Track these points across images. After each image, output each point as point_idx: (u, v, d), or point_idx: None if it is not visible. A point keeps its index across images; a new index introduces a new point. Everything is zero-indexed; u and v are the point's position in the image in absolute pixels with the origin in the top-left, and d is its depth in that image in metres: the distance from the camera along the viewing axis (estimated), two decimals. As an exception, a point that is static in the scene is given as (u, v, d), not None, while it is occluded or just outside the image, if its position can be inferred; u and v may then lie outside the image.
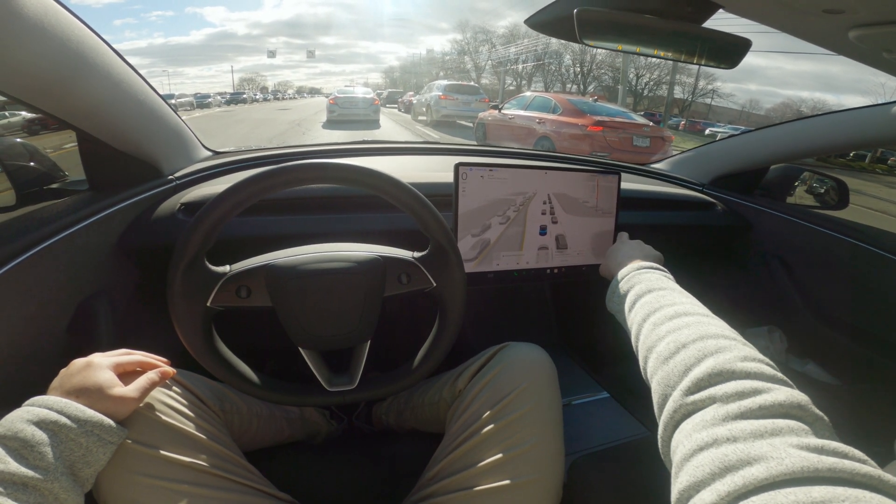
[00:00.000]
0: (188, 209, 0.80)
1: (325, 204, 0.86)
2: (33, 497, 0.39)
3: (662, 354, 0.43)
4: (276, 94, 51.20)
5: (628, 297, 0.56)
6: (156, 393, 0.52)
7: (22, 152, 0.80)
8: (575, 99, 6.74)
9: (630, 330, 0.53)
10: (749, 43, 0.69)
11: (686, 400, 0.37)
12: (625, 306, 0.56)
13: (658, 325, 0.47)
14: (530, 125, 6.35)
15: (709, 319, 0.46)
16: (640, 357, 0.48)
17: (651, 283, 0.55)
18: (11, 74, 0.53)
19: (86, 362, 0.48)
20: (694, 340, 0.41)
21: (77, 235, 0.66)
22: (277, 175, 0.52)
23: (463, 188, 0.78)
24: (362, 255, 0.58)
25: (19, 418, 0.42)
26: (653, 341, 0.46)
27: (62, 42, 0.56)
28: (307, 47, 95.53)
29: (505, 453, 0.57)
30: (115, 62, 0.68)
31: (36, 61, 0.53)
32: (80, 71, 0.60)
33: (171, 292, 0.52)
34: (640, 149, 5.66)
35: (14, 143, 0.82)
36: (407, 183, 0.56)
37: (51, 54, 0.55)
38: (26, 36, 0.51)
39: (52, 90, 0.59)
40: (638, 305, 0.53)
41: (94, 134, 0.69)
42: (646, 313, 0.50)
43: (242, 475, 0.55)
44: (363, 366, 0.62)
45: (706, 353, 0.39)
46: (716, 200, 1.28)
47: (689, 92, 34.69)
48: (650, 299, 0.52)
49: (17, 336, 0.58)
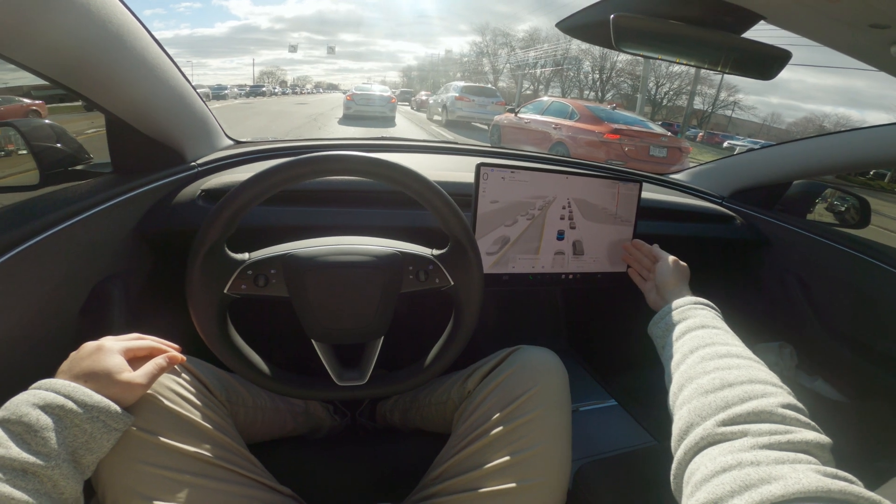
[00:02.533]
0: (208, 196, 0.80)
1: (344, 197, 0.85)
2: (32, 483, 0.38)
3: (704, 387, 0.44)
4: (294, 89, 51.57)
5: (678, 327, 0.57)
6: (164, 380, 0.51)
7: (49, 133, 0.82)
8: (593, 106, 6.70)
9: (670, 357, 0.54)
10: (789, 55, 0.68)
11: (717, 430, 0.39)
12: (673, 334, 0.57)
13: (706, 360, 0.48)
14: (546, 130, 6.33)
15: (759, 366, 0.47)
16: (675, 384, 0.49)
17: (705, 319, 0.57)
18: (51, 54, 0.53)
19: (96, 346, 0.48)
20: (741, 382, 0.43)
21: (97, 218, 0.66)
22: (303, 165, 0.52)
23: (483, 188, 0.77)
24: (381, 250, 0.57)
25: (25, 402, 0.41)
26: (696, 373, 0.47)
27: (103, 24, 0.56)
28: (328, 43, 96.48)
29: (512, 456, 0.57)
30: (151, 47, 0.69)
31: (77, 43, 0.54)
32: (117, 55, 0.61)
33: (189, 277, 0.52)
34: (657, 159, 5.62)
35: (41, 123, 0.83)
36: (431, 180, 0.56)
37: (92, 36, 0.55)
38: (71, 15, 0.52)
39: (88, 72, 0.59)
40: (688, 337, 0.54)
41: (124, 118, 0.69)
42: (694, 346, 0.52)
43: (245, 467, 0.55)
44: (374, 362, 0.61)
45: (751, 395, 0.41)
46: (735, 214, 1.27)
47: (709, 103, 34.07)
48: (702, 334, 0.54)
49: (31, 316, 0.58)
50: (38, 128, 0.81)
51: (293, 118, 12.36)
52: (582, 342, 1.40)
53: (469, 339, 0.63)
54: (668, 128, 29.60)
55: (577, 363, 1.32)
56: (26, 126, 0.78)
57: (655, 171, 1.56)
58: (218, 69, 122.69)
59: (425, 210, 0.58)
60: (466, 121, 11.06)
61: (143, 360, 0.49)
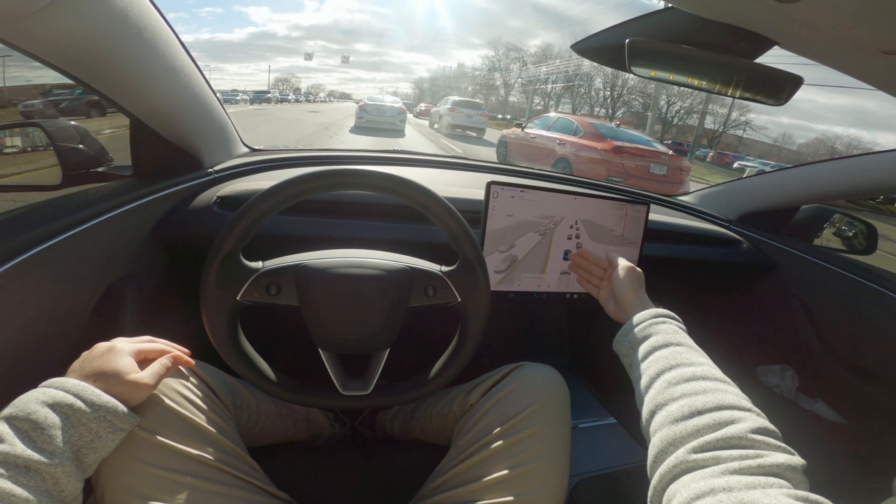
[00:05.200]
0: (224, 203, 0.82)
1: (355, 209, 0.87)
2: (33, 480, 0.38)
3: (674, 415, 0.44)
4: (307, 97, 52.12)
5: (643, 346, 0.56)
6: (171, 382, 0.52)
7: (73, 134, 0.84)
8: (597, 123, 6.86)
9: (638, 378, 0.53)
10: (801, 80, 0.69)
11: (690, 457, 0.39)
12: (638, 353, 0.56)
13: (673, 385, 0.48)
14: (551, 146, 6.44)
15: (726, 386, 0.47)
16: (645, 409, 0.49)
17: (668, 335, 0.55)
18: (86, 58, 0.55)
19: (108, 346, 0.48)
20: (710, 409, 0.43)
21: (116, 220, 0.68)
22: (321, 178, 0.54)
23: (493, 207, 0.78)
24: (391, 265, 0.58)
25: (34, 399, 0.41)
26: (664, 399, 0.47)
27: (139, 31, 0.59)
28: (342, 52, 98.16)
29: (511, 469, 0.57)
30: (180, 55, 0.71)
31: (112, 49, 0.56)
32: (150, 61, 0.63)
33: (204, 282, 0.53)
34: (657, 177, 5.70)
35: (67, 124, 0.86)
36: (443, 197, 0.57)
37: (127, 43, 0.58)
38: (109, 21, 0.54)
39: (121, 77, 0.61)
40: (652, 358, 0.53)
41: (148, 123, 0.71)
42: (660, 368, 0.51)
43: (245, 472, 0.55)
44: (379, 373, 0.62)
45: (721, 422, 0.41)
46: (742, 238, 1.27)
47: (720, 122, 33.73)
48: (666, 354, 0.52)
49: (46, 313, 0.59)
50: (64, 128, 0.84)
51: (305, 127, 12.43)
52: (583, 360, 1.40)
53: (473, 355, 0.64)
54: (678, 147, 28.93)
55: (577, 380, 1.31)
56: (52, 126, 0.80)
57: (656, 190, 1.57)
58: (235, 74, 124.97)
59: (435, 226, 0.59)
60: (457, 128, 13.18)
61: (151, 362, 0.50)
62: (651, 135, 8.27)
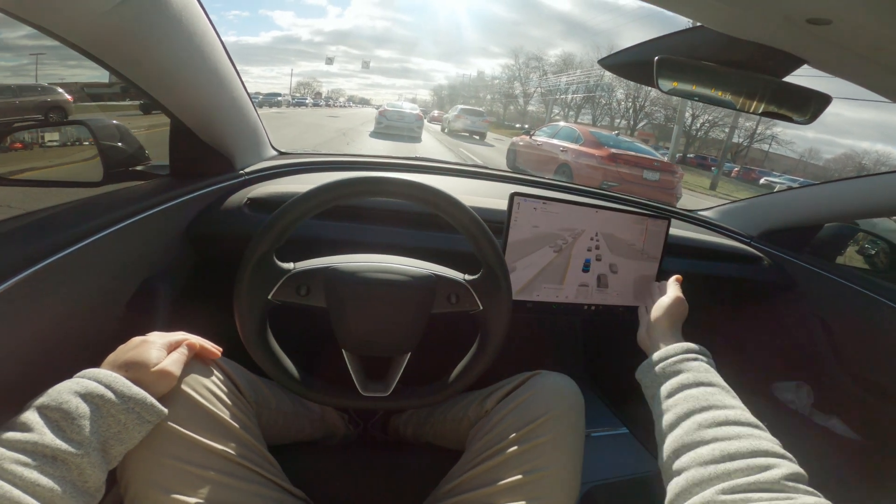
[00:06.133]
0: (254, 204, 0.85)
1: (382, 216, 0.89)
2: (60, 470, 0.39)
3: (704, 457, 0.44)
4: (327, 101, 52.34)
5: (671, 382, 0.56)
6: (199, 377, 0.53)
7: (114, 133, 0.87)
8: (596, 131, 7.31)
9: (662, 413, 0.53)
10: (829, 99, 0.69)
11: (718, 497, 0.40)
12: (664, 388, 0.56)
13: (704, 427, 0.47)
14: (555, 152, 6.83)
15: (759, 433, 0.47)
16: (669, 446, 0.49)
17: (699, 374, 0.55)
18: (139, 58, 0.58)
19: (142, 339, 0.50)
20: (744, 455, 0.43)
21: (153, 218, 0.71)
22: (354, 185, 0.55)
23: (515, 218, 0.79)
24: (417, 272, 0.60)
25: (68, 389, 0.42)
26: (693, 441, 0.47)
27: (189, 37, 0.62)
28: (363, 58, 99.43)
29: (525, 475, 0.57)
30: (223, 59, 0.74)
31: (165, 52, 0.59)
32: (196, 64, 0.66)
33: (239, 281, 0.55)
34: (650, 182, 6.00)
35: (109, 123, 0.88)
36: (470, 207, 0.59)
37: (178, 48, 0.61)
38: (164, 27, 0.57)
39: (169, 79, 0.64)
40: (681, 396, 0.53)
41: (188, 124, 0.74)
42: (690, 408, 0.51)
43: (265, 468, 0.56)
44: (399, 376, 0.63)
45: (755, 468, 0.41)
46: (763, 255, 1.26)
47: (745, 136, 32.87)
48: (697, 394, 0.52)
49: (85, 307, 0.61)
50: (106, 127, 0.86)
51: (323, 132, 12.47)
52: (597, 370, 1.40)
53: (492, 362, 0.65)
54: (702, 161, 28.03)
55: (591, 390, 1.31)
56: (96, 124, 0.83)
57: (649, 195, 1.57)
58: (258, 77, 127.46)
59: (459, 234, 0.61)
60: (462, 131, 15.61)
61: None
62: (676, 148, 8.66)
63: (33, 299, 0.52)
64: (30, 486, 0.36)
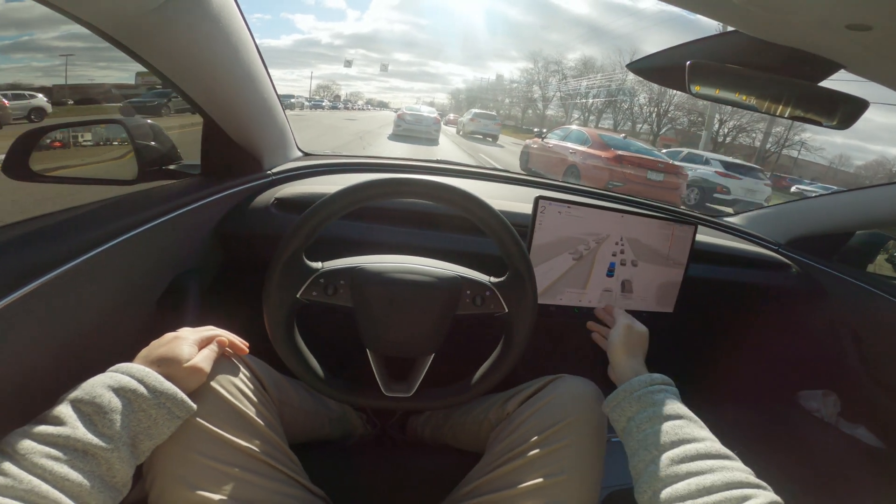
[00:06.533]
0: (281, 204, 0.86)
1: (408, 217, 0.90)
2: (89, 465, 0.39)
3: (681, 493, 0.45)
4: (346, 104, 52.45)
5: (639, 416, 0.55)
6: (227, 375, 0.53)
7: (148, 132, 0.89)
8: (604, 134, 7.72)
9: (635, 450, 0.53)
10: (866, 104, 0.67)
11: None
12: (631, 424, 0.56)
13: (677, 463, 0.48)
14: (564, 154, 7.13)
15: (732, 463, 0.47)
16: (644, 484, 0.49)
17: (667, 407, 0.55)
18: (179, 58, 0.60)
19: (174, 335, 0.51)
20: (720, 488, 0.44)
21: (185, 217, 0.73)
22: (384, 185, 0.56)
23: (540, 221, 0.79)
24: (443, 273, 0.60)
25: (101, 383, 0.43)
26: (668, 476, 0.47)
27: (227, 38, 0.64)
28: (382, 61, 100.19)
29: (546, 478, 0.57)
30: (256, 61, 0.75)
31: (203, 52, 0.61)
32: (232, 66, 0.68)
33: (268, 280, 0.56)
34: (654, 182, 6.24)
35: (144, 122, 0.90)
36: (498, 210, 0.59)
37: (217, 48, 0.62)
38: (205, 27, 0.58)
39: (206, 79, 0.66)
40: (651, 432, 0.53)
41: (220, 124, 0.76)
42: (662, 443, 0.51)
43: (287, 465, 0.57)
44: (422, 377, 0.63)
45: (733, 500, 0.42)
46: (791, 262, 1.24)
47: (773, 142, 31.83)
48: (668, 428, 0.52)
49: (118, 302, 0.63)
50: (141, 126, 0.88)
51: (341, 135, 12.47)
52: None
53: (515, 365, 0.64)
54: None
55: None
56: (132, 123, 0.86)
57: (653, 195, 1.54)
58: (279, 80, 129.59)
59: (484, 237, 0.61)
60: (476, 134, 16.39)
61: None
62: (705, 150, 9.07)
63: (70, 294, 0.53)
64: (59, 480, 0.36)
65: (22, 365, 0.48)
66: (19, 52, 14.37)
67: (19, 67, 12.98)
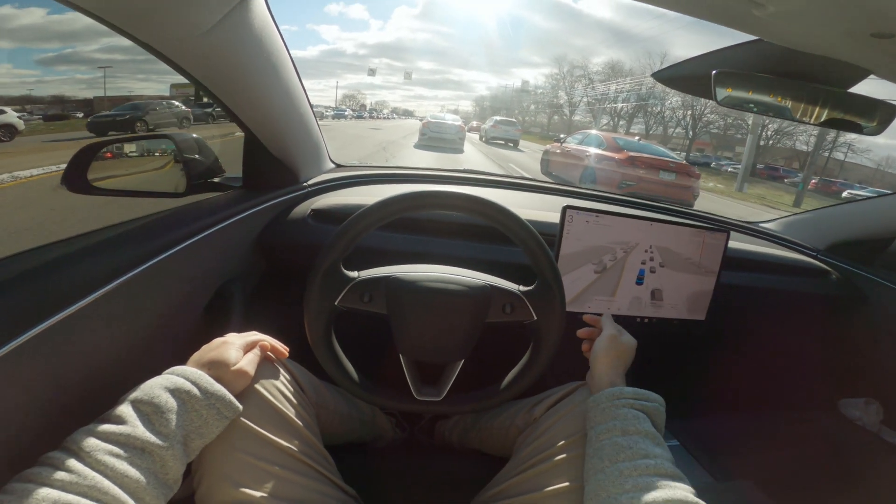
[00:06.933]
0: (317, 215, 0.90)
1: (439, 228, 0.92)
2: (146, 462, 0.41)
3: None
4: (371, 113, 52.84)
5: (599, 427, 0.56)
6: (270, 378, 0.56)
7: (194, 146, 0.94)
8: (619, 137, 8.05)
9: (591, 455, 0.54)
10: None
11: None
12: (592, 433, 0.57)
13: (625, 476, 0.49)
14: (581, 157, 7.47)
15: (676, 483, 0.48)
16: (591, 492, 0.51)
17: (627, 422, 0.55)
18: (225, 76, 0.64)
19: (222, 340, 0.54)
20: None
21: (230, 228, 0.77)
22: (417, 199, 0.59)
23: (568, 230, 0.80)
24: (474, 282, 0.62)
25: (159, 385, 0.45)
26: (613, 487, 0.49)
27: (267, 55, 0.68)
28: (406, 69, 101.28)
29: (573, 482, 0.57)
30: (293, 77, 0.80)
31: (246, 69, 0.65)
32: (272, 83, 0.72)
33: (309, 289, 0.59)
34: (665, 181, 6.48)
35: (190, 137, 0.94)
36: (526, 221, 0.60)
37: (258, 66, 0.66)
38: (249, 47, 0.62)
39: (248, 95, 0.70)
40: (608, 443, 0.54)
41: (261, 138, 0.81)
42: (614, 455, 0.52)
43: (322, 464, 0.59)
44: (452, 382, 0.65)
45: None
46: (830, 268, 1.20)
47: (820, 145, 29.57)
48: (622, 442, 0.53)
49: (172, 309, 0.67)
50: (188, 140, 0.92)
51: (364, 145, 12.15)
52: (648, 382, 1.37)
53: (544, 371, 0.65)
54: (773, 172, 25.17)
55: None
56: (180, 138, 0.90)
57: (665, 193, 1.49)
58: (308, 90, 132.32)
59: (513, 246, 0.62)
60: (497, 139, 17.26)
61: None
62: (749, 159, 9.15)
63: (129, 301, 0.57)
64: (119, 476, 0.39)
65: (86, 366, 0.52)
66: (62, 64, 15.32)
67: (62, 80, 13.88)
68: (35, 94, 9.24)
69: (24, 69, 11.77)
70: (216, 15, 0.54)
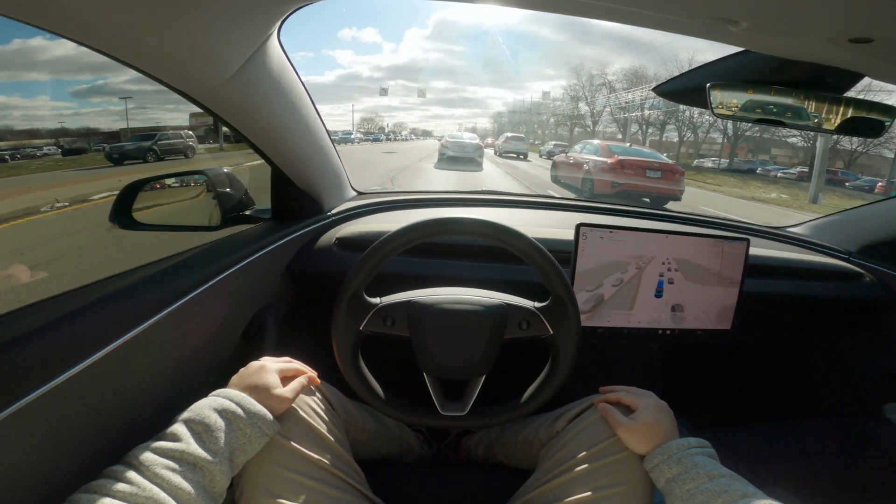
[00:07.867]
0: (342, 243, 0.95)
1: (455, 250, 0.96)
2: (197, 476, 0.44)
3: None
4: (389, 135, 52.94)
5: (680, 477, 0.55)
6: (304, 396, 0.60)
7: (226, 180, 0.99)
8: (611, 143, 9.43)
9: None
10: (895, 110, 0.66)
11: None
12: (673, 483, 0.56)
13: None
14: (580, 164, 8.62)
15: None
16: None
17: (709, 467, 0.55)
18: (250, 117, 0.70)
19: (260, 365, 0.58)
20: None
21: (263, 258, 0.82)
22: (429, 227, 0.63)
23: (582, 248, 0.82)
24: (490, 301, 0.65)
25: (207, 406, 0.49)
26: None
27: (287, 95, 0.73)
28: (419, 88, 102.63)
29: (595, 492, 0.58)
30: (311, 112, 0.85)
31: (269, 110, 0.70)
32: (292, 120, 0.78)
33: (336, 316, 0.63)
34: (652, 178, 7.62)
35: (221, 172, 1.00)
36: (536, 241, 0.63)
37: (279, 106, 0.72)
38: (269, 89, 0.68)
39: (272, 133, 0.76)
40: (696, 490, 0.53)
41: (286, 172, 0.86)
42: (708, 501, 0.51)
43: (353, 478, 0.62)
44: (475, 397, 0.67)
45: None
46: (863, 271, 1.16)
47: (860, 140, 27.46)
48: (713, 487, 0.52)
49: (212, 336, 0.72)
50: (220, 175, 0.98)
51: (374, 171, 10.73)
52: (677, 393, 1.34)
53: (563, 384, 0.67)
54: (832, 176, 23.65)
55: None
56: (213, 173, 0.96)
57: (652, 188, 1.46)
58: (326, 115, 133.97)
59: (526, 265, 0.65)
60: (509, 152, 18.89)
61: (289, 379, 0.60)
62: (822, 166, 11.09)
63: (178, 328, 0.62)
64: (173, 489, 0.43)
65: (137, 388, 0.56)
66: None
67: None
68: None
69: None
70: (237, 63, 0.59)
